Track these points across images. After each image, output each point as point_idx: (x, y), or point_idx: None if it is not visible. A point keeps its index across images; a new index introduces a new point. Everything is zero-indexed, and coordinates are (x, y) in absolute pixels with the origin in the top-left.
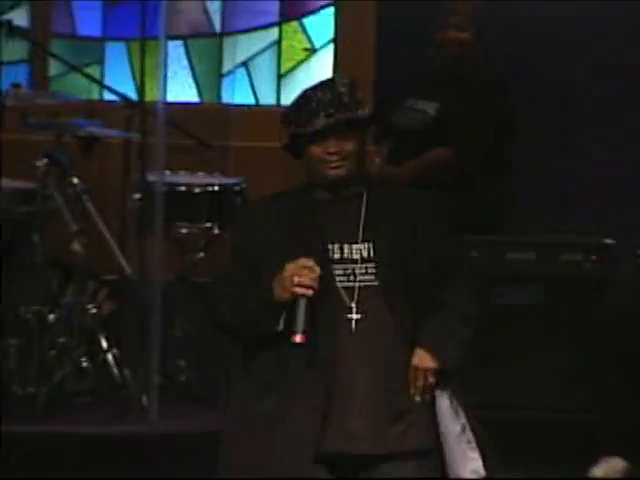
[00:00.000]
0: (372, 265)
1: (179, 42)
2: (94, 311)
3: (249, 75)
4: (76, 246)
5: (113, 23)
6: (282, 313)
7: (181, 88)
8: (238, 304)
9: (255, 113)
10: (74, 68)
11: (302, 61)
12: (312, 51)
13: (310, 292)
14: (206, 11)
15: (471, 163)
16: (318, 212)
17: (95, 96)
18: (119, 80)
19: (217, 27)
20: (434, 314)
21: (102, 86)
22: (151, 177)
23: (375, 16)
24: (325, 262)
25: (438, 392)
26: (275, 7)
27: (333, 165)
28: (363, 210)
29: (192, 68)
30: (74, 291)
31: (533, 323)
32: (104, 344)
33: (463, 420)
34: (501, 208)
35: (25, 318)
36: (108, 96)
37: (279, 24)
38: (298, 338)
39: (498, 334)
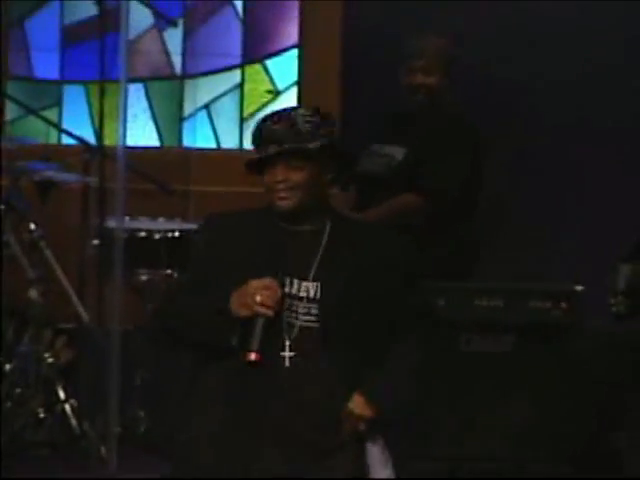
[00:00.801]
0: (315, 306)
1: (139, 84)
2: (51, 360)
3: (211, 118)
4: (33, 293)
5: (71, 65)
6: (235, 329)
7: (141, 131)
8: (191, 313)
9: (217, 157)
10: (31, 111)
11: (265, 104)
12: (276, 93)
13: (271, 313)
14: (167, 52)
15: (438, 209)
16: (278, 241)
17: (53, 140)
18: (77, 123)
19: (178, 69)
20: (380, 362)
21: (60, 129)
22: (110, 223)
23: (340, 59)
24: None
25: (371, 441)
26: (237, 49)
27: (281, 195)
28: (321, 247)
29: (152, 111)
30: (30, 339)
31: (501, 371)
32: (62, 394)
33: (390, 471)
34: (468, 254)
35: None
36: (66, 140)
37: (242, 66)
38: (253, 356)
39: (464, 382)
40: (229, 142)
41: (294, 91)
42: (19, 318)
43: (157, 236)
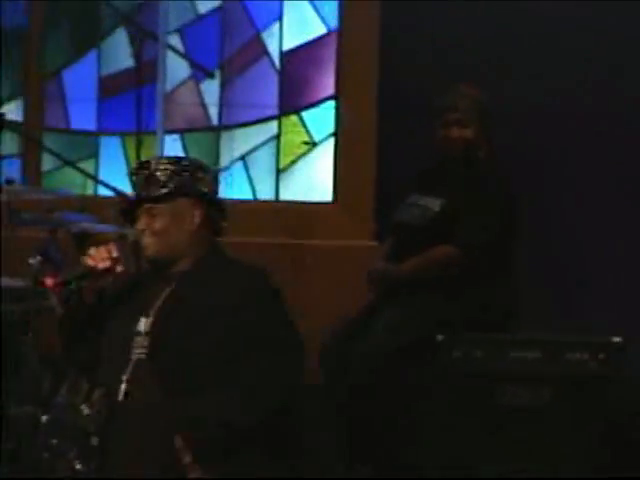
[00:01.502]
0: (147, 340)
1: (176, 135)
2: (88, 412)
3: (247, 169)
4: None
5: (108, 116)
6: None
7: None
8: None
9: (252, 208)
10: (68, 162)
11: (302, 155)
12: (312, 145)
13: (91, 263)
14: (203, 104)
15: (474, 260)
16: (149, 282)
17: (90, 191)
18: (114, 174)
19: (214, 120)
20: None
21: (97, 181)
22: None
23: (376, 111)
24: (129, 332)
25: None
26: (274, 100)
27: (145, 242)
28: (172, 285)
29: None
30: (67, 391)
31: (537, 424)
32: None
33: None
34: (505, 305)
35: (16, 419)
36: (103, 191)
37: (278, 117)
38: (49, 281)
39: (499, 435)
40: (265, 193)
41: (331, 142)
42: (56, 369)
43: None
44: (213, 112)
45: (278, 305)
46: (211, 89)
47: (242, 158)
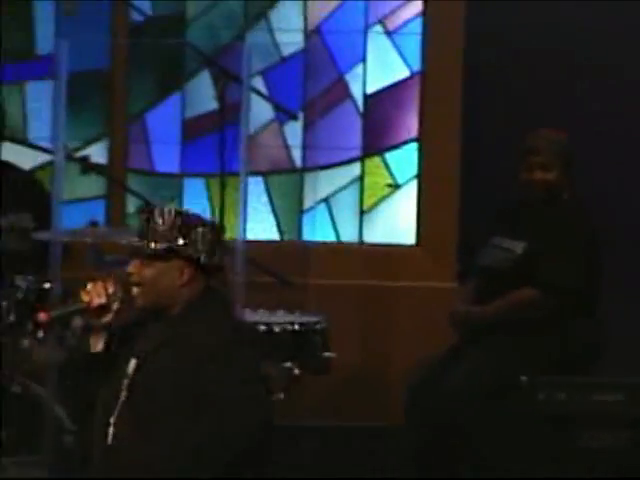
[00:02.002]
0: (128, 382)
1: (259, 178)
2: None
3: (330, 211)
4: None
5: (191, 158)
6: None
7: (261, 224)
8: None
9: (336, 250)
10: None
11: (385, 197)
12: (395, 187)
13: (86, 298)
14: (286, 146)
15: (557, 303)
16: (141, 330)
17: None
18: None
19: (298, 162)
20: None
21: None
22: None
23: (459, 153)
24: (122, 374)
25: None
26: (357, 142)
27: (133, 291)
28: (161, 330)
29: (272, 204)
30: None
31: (618, 467)
32: None
33: None
34: (588, 347)
35: None
36: None
37: (361, 159)
38: (42, 315)
39: (580, 477)
40: (349, 235)
41: (414, 184)
42: None
43: (277, 329)
44: (296, 154)
45: (237, 362)
46: (294, 131)
47: (325, 200)
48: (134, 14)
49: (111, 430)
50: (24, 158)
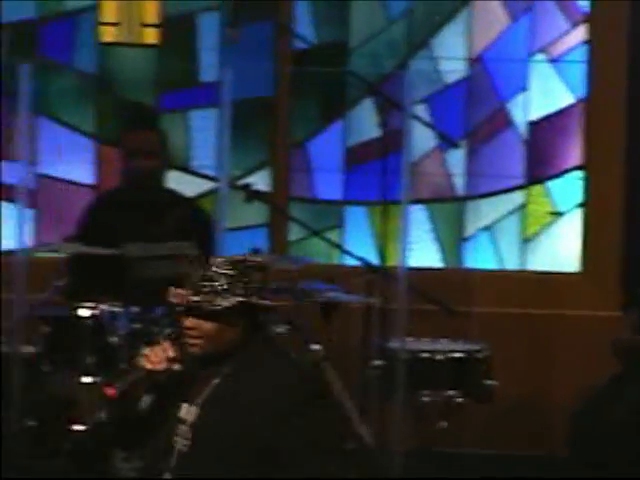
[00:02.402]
0: (190, 430)
1: (421, 205)
2: None
3: (493, 239)
4: None
5: (353, 185)
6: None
7: (423, 252)
8: None
9: (499, 277)
10: (314, 232)
11: (547, 225)
12: (558, 215)
13: (148, 365)
14: (448, 174)
15: None
16: (193, 368)
17: (335, 260)
18: (359, 244)
19: (460, 190)
20: None
21: (342, 250)
22: (392, 343)
23: (624, 180)
24: (174, 418)
25: None
26: (519, 170)
27: (190, 342)
28: (219, 377)
29: (434, 232)
30: None
31: None
32: None
33: None
34: None
35: None
36: (348, 260)
37: (524, 187)
38: (109, 390)
39: None
40: (511, 263)
41: (577, 213)
42: None
43: (439, 357)
44: (458, 182)
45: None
46: (456, 159)
47: (488, 228)
48: (297, 42)
49: (167, 476)
50: (188, 186)
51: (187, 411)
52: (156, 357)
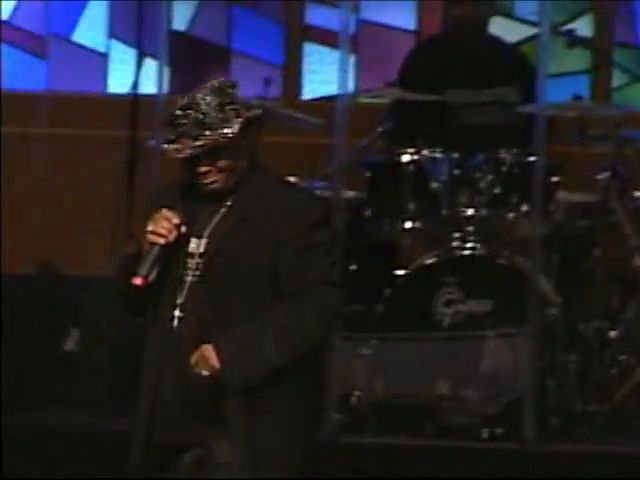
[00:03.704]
0: (201, 261)
1: None
2: None
3: None
4: (638, 260)
5: None
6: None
7: None
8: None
9: None
10: (638, 79)
11: None
12: None
13: (161, 240)
14: None
15: None
16: (198, 207)
17: None
18: None
19: None
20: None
21: None
22: None
23: None
24: (183, 255)
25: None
26: None
27: (207, 182)
28: (224, 205)
29: None
30: (636, 307)
31: None
32: None
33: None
34: None
35: (585, 334)
36: None
37: None
38: (138, 280)
39: None
40: None
41: None
42: (625, 285)
43: None
44: None
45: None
46: None
47: None
48: None
49: (177, 314)
50: (511, 32)
51: (196, 245)
52: (165, 230)
